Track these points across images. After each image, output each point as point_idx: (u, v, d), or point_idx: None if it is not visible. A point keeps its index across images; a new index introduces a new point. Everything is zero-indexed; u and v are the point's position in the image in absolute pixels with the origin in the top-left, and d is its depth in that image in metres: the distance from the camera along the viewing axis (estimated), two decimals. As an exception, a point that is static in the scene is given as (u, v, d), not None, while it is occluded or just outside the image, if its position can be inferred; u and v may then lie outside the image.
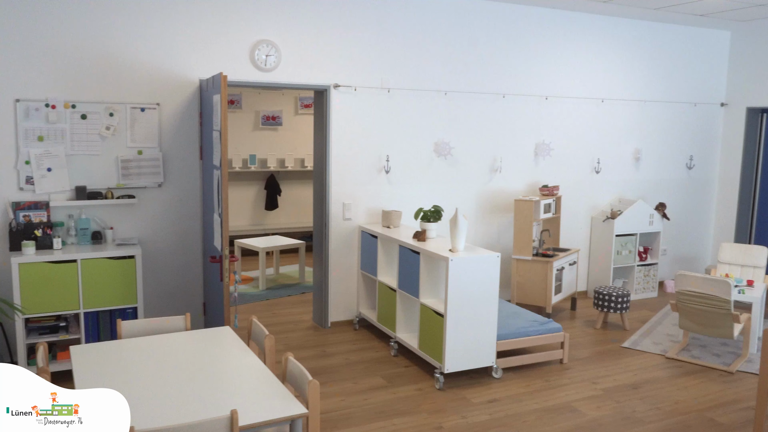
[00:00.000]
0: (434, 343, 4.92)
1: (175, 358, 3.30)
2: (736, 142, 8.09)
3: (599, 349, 5.81)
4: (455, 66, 6.45)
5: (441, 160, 6.51)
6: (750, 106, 7.94)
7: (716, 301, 5.17)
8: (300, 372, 2.97)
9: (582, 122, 7.25)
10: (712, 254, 8.34)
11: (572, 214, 7.33)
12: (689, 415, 4.50)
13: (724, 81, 8.16)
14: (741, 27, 7.85)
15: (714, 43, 8.00)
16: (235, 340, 3.57)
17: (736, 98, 8.08)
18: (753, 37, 7.82)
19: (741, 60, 7.99)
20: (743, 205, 8.15)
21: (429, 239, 5.37)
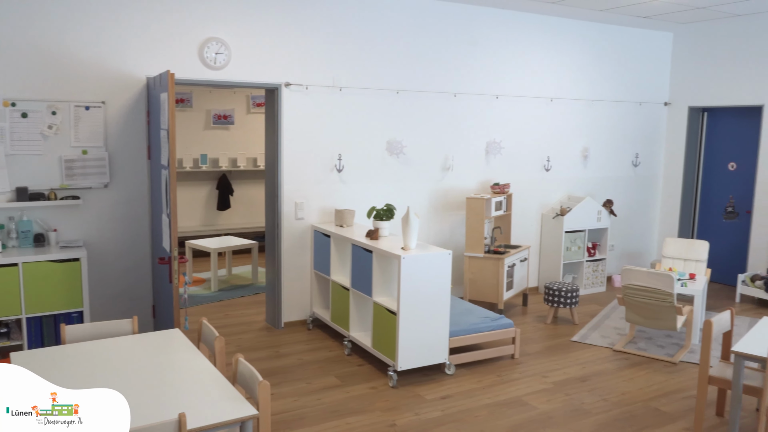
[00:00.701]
0: (387, 341, 4.94)
1: (121, 363, 3.23)
2: (679, 141, 8.36)
3: (550, 343, 5.92)
4: (407, 65, 6.48)
5: (394, 159, 6.53)
6: (692, 105, 8.21)
7: (660, 294, 5.33)
8: (250, 373, 2.94)
9: (532, 121, 7.38)
10: (658, 249, 8.60)
11: (523, 212, 7.45)
12: (635, 405, 4.63)
13: (668, 81, 8.41)
14: (683, 29, 8.11)
15: (657, 44, 8.24)
16: (185, 342, 3.51)
17: (678, 98, 8.34)
18: (694, 39, 8.09)
19: (683, 61, 8.26)
20: (686, 201, 8.43)
21: (382, 238, 5.38)
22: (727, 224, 8.13)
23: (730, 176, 8.10)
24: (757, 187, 7.60)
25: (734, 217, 8.04)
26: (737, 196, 8.00)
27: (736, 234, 7.99)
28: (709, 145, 8.33)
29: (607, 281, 8.03)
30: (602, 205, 7.68)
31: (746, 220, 7.84)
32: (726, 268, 8.00)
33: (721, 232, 8.18)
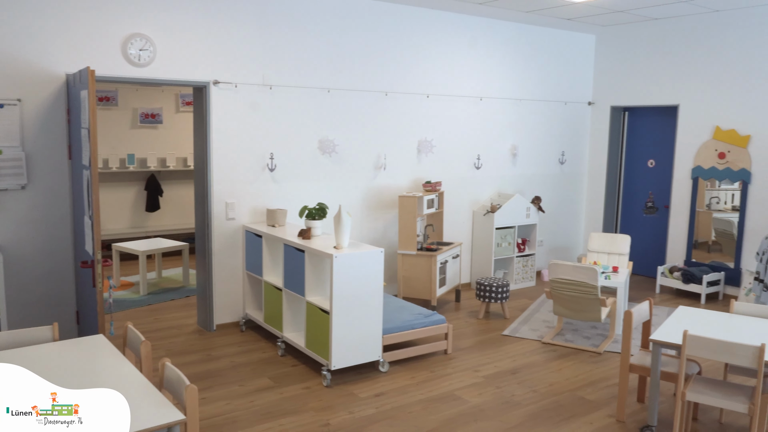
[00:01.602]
0: (321, 340, 4.92)
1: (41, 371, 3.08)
2: (602, 139, 8.68)
3: (482, 338, 6.04)
4: (338, 63, 6.48)
5: (326, 158, 6.52)
6: (614, 105, 8.54)
7: (585, 287, 5.52)
8: (177, 377, 2.87)
9: (462, 120, 7.50)
10: (584, 243, 8.90)
11: (455, 209, 7.57)
12: (562, 395, 4.78)
13: (591, 81, 8.72)
14: (604, 31, 8.42)
15: (581, 45, 8.52)
16: (109, 348, 3.40)
17: (601, 97, 8.66)
18: (615, 41, 8.41)
19: (605, 62, 8.57)
20: (609, 197, 8.76)
21: (314, 237, 5.36)
22: (647, 218, 8.50)
23: (649, 173, 8.47)
24: (674, 183, 7.98)
25: (653, 211, 8.42)
26: (656, 192, 8.38)
27: (656, 228, 8.36)
28: (630, 143, 8.68)
29: (537, 276, 8.25)
30: (531, 201, 7.89)
31: (664, 215, 8.22)
32: (647, 261, 8.36)
33: (641, 227, 8.54)
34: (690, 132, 7.75)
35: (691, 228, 7.86)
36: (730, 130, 7.34)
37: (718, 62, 7.39)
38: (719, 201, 7.80)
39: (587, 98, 8.72)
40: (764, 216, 7.05)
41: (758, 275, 5.88)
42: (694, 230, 7.87)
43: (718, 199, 7.81)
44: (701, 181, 7.75)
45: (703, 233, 7.94)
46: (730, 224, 7.63)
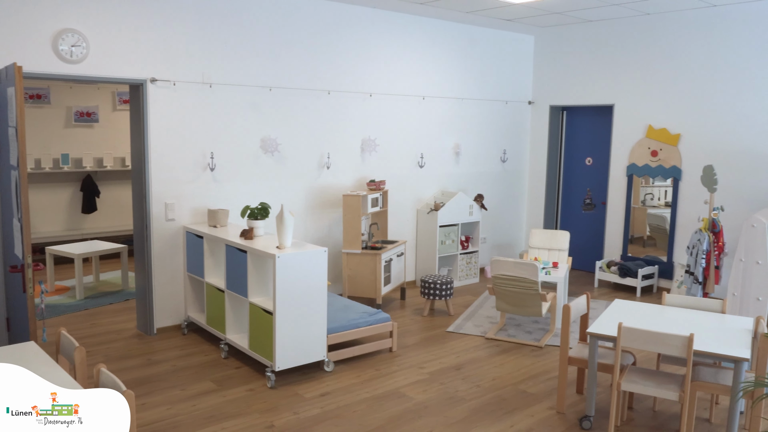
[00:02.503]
0: (265, 341, 4.87)
1: (-35, 382, 2.95)
2: (542, 137, 8.87)
3: (426, 335, 6.10)
4: (281, 62, 6.41)
5: (268, 157, 6.45)
6: (552, 104, 8.74)
7: (526, 282, 5.64)
8: (114, 383, 2.79)
9: (405, 119, 7.55)
10: (525, 240, 9.09)
11: (399, 207, 7.60)
12: (505, 389, 4.87)
13: (531, 81, 8.90)
14: (543, 32, 8.61)
15: (521, 46, 8.69)
16: (41, 355, 3.27)
17: (540, 97, 8.86)
18: (553, 42, 8.61)
19: (543, 62, 8.77)
20: (550, 194, 8.97)
21: (257, 237, 5.30)
22: (585, 215, 8.74)
23: (587, 170, 8.71)
24: (610, 180, 8.23)
25: (591, 208, 8.66)
26: (594, 189, 8.62)
27: (594, 224, 8.61)
28: (568, 141, 8.91)
29: (480, 272, 8.37)
30: (473, 199, 8.00)
31: (602, 211, 8.47)
32: (585, 256, 8.59)
33: (580, 223, 8.78)
34: (624, 131, 8.01)
35: (627, 224, 8.13)
36: (662, 128, 7.62)
37: (650, 63, 7.66)
38: (653, 197, 8.09)
39: (527, 98, 8.90)
40: (694, 211, 7.35)
41: (689, 268, 6.12)
42: (629, 226, 8.14)
43: (653, 196, 8.10)
44: (636, 178, 8.01)
45: (639, 228, 8.22)
46: (663, 219, 7.92)
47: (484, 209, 8.14)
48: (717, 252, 6.06)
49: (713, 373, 4.17)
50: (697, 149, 7.35)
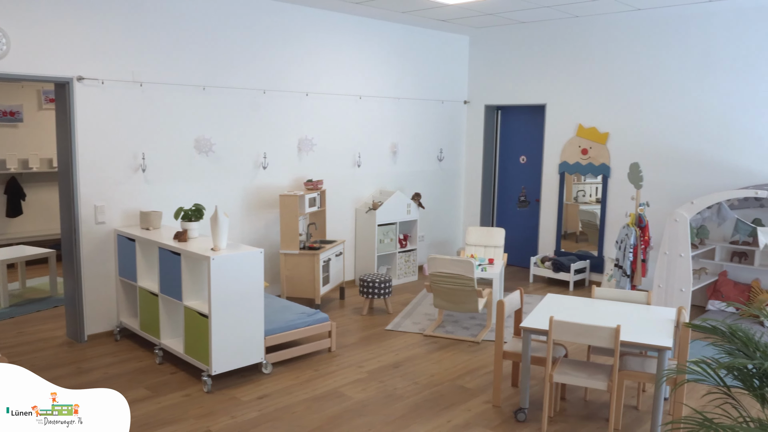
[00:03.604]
0: (200, 345, 4.79)
1: None
2: (478, 136, 9.03)
3: (365, 333, 6.12)
4: (214, 60, 6.31)
5: (203, 157, 6.33)
6: (487, 103, 8.91)
7: (462, 279, 5.73)
8: (37, 394, 2.69)
9: (342, 118, 7.54)
10: (463, 237, 9.23)
11: (337, 207, 7.60)
12: (443, 385, 4.93)
13: (466, 81, 9.04)
14: (477, 33, 8.76)
15: (456, 46, 8.82)
16: (-42, 367, 3.12)
17: (476, 96, 9.01)
18: (487, 43, 8.77)
19: (478, 62, 8.93)
20: (486, 192, 9.14)
21: (191, 239, 5.19)
22: (520, 212, 8.95)
23: (521, 168, 8.92)
24: (543, 178, 8.45)
25: (526, 205, 8.88)
26: (528, 186, 8.84)
27: (528, 221, 8.82)
28: (503, 140, 9.10)
29: (419, 270, 8.46)
30: (411, 198, 8.08)
31: (536, 208, 8.69)
32: (521, 252, 8.80)
33: (516, 220, 8.98)
34: (556, 129, 8.24)
35: (560, 220, 8.36)
36: (592, 127, 7.88)
37: (579, 64, 7.91)
38: (585, 194, 8.36)
39: (463, 97, 9.04)
40: (622, 207, 7.63)
41: (617, 262, 6.35)
42: (562, 222, 8.38)
43: (584, 192, 8.36)
44: (568, 175, 8.26)
45: (572, 224, 8.48)
46: (594, 215, 8.19)
47: (422, 208, 8.23)
48: (643, 246, 6.31)
49: (640, 362, 4.35)
50: (624, 147, 7.63)
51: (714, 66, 6.86)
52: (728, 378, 2.79)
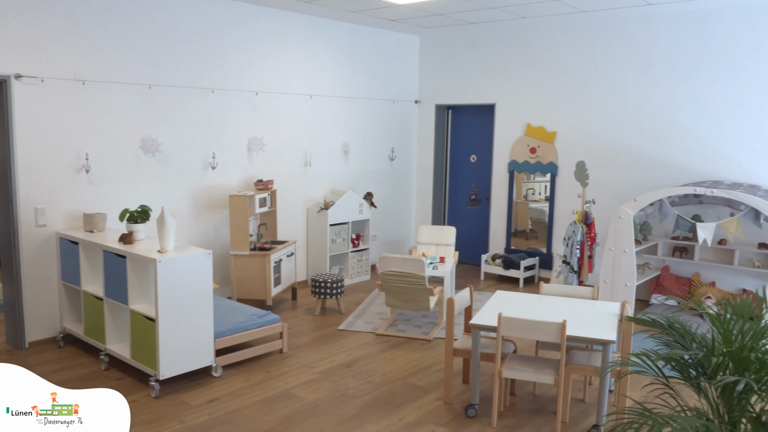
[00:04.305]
0: (147, 350, 4.68)
1: None
2: (429, 136, 9.10)
3: (318, 334, 6.09)
4: (160, 59, 6.18)
5: (149, 158, 6.19)
6: (438, 103, 8.98)
7: (413, 278, 5.76)
8: (-29, 404, 2.58)
9: (293, 117, 7.49)
10: (415, 236, 9.28)
11: (288, 207, 7.54)
12: (395, 384, 4.95)
13: (417, 80, 9.10)
14: (427, 33, 8.81)
15: (406, 46, 8.86)
16: None
17: (426, 96, 9.07)
18: (437, 43, 8.85)
19: (429, 62, 8.99)
20: (437, 191, 9.21)
21: (137, 241, 5.08)
22: (471, 210, 9.05)
23: (472, 167, 9.02)
24: (493, 177, 8.57)
25: (477, 203, 8.99)
26: (478, 185, 8.95)
27: (479, 219, 8.93)
28: (454, 139, 9.19)
29: (372, 269, 8.46)
30: (363, 197, 8.08)
31: (486, 206, 8.81)
32: (472, 250, 8.90)
33: (467, 218, 9.08)
34: (505, 129, 8.37)
35: (510, 218, 8.49)
36: (540, 126, 8.03)
37: (527, 65, 8.05)
38: (534, 192, 8.51)
39: (414, 97, 9.09)
40: (569, 205, 7.80)
41: (565, 258, 6.49)
42: (512, 220, 8.51)
43: (534, 191, 8.51)
44: (517, 174, 8.39)
45: (522, 222, 8.62)
46: (543, 213, 8.35)
47: (374, 207, 8.24)
48: (590, 242, 6.47)
49: (586, 356, 4.46)
50: (571, 146, 7.80)
51: (655, 67, 7.08)
52: (668, 369, 2.88)
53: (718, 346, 2.64)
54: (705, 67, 6.77)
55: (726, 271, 6.77)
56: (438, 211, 9.26)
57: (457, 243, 8.45)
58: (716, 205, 6.70)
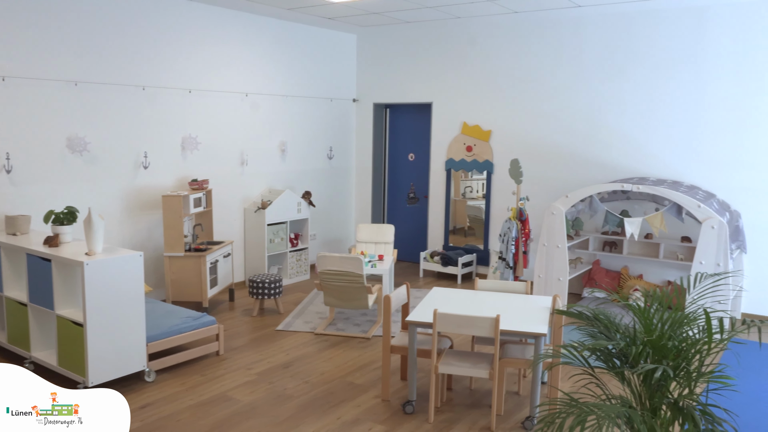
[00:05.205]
0: (75, 356, 4.52)
1: None
2: (367, 134, 9.11)
3: (256, 335, 6.01)
4: (87, 54, 5.97)
5: (76, 157, 5.98)
6: (376, 102, 9.00)
7: (351, 276, 5.76)
8: None
9: (228, 116, 7.37)
10: (354, 235, 9.28)
11: (224, 207, 7.42)
12: (333, 383, 4.94)
13: (354, 79, 9.09)
14: (364, 32, 8.82)
15: (344, 44, 8.85)
16: None
17: (364, 95, 9.08)
18: (374, 42, 8.87)
19: (366, 61, 9.00)
20: (376, 189, 9.24)
21: (63, 244, 4.90)
22: (410, 208, 9.12)
23: (410, 166, 9.09)
24: (431, 175, 8.66)
25: (415, 201, 9.06)
26: (417, 183, 9.02)
27: (418, 216, 9.01)
28: (392, 138, 9.23)
29: (311, 269, 8.42)
30: (301, 196, 8.03)
31: (424, 204, 8.89)
32: (411, 248, 8.97)
33: (406, 216, 9.15)
34: (442, 127, 8.46)
35: (447, 215, 8.60)
36: (475, 125, 8.16)
37: (463, 64, 8.16)
38: (472, 190, 8.64)
39: (351, 95, 9.08)
40: (504, 202, 7.96)
41: (501, 254, 6.62)
42: (450, 217, 8.61)
43: (472, 189, 8.64)
44: (454, 172, 8.50)
45: (460, 219, 8.74)
46: (480, 210, 8.48)
47: (313, 206, 8.20)
48: (524, 238, 6.62)
49: (521, 349, 4.55)
50: (505, 144, 7.96)
51: (585, 68, 7.30)
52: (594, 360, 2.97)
53: (639, 336, 2.74)
54: (630, 68, 7.02)
55: (652, 264, 7.04)
56: (377, 210, 9.29)
57: (396, 241, 8.52)
58: (643, 201, 6.97)
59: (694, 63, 6.66)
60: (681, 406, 2.59)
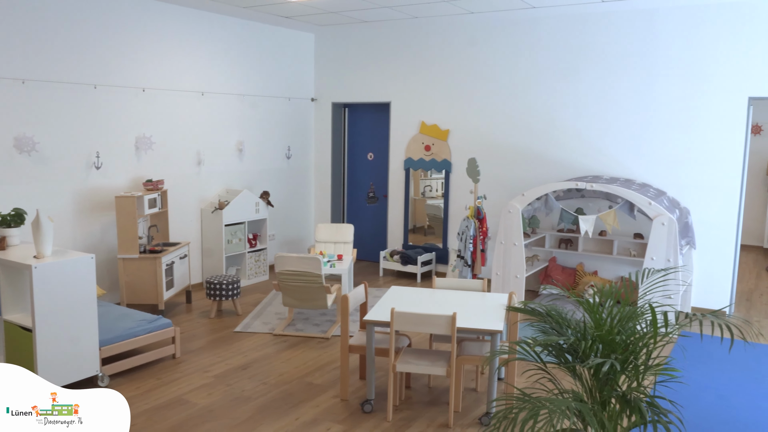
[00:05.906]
0: (24, 362, 4.39)
1: None
2: (326, 134, 9.09)
3: (213, 337, 5.94)
4: (35, 52, 5.80)
5: (24, 158, 5.81)
6: (334, 101, 8.98)
7: (310, 276, 5.74)
8: None
9: (183, 115, 7.26)
10: (313, 235, 9.24)
11: (180, 208, 7.30)
12: (291, 384, 4.92)
13: (312, 78, 9.06)
14: (322, 31, 8.79)
15: (301, 43, 8.80)
16: None
17: (323, 94, 9.05)
18: (332, 41, 8.84)
19: (324, 60, 8.97)
20: (336, 189, 9.22)
21: (11, 247, 4.76)
22: (370, 208, 9.13)
23: (369, 165, 9.09)
24: (390, 174, 8.68)
25: (375, 201, 9.07)
26: (376, 183, 9.03)
27: (378, 216, 9.02)
28: (351, 137, 9.23)
29: (270, 269, 8.35)
30: (260, 196, 7.96)
31: (384, 204, 8.91)
32: (371, 247, 8.98)
33: (366, 215, 9.15)
34: (401, 127, 8.49)
35: (407, 214, 8.64)
36: (434, 125, 8.21)
37: (421, 64, 8.20)
38: (432, 189, 8.69)
39: (310, 95, 9.04)
40: (463, 200, 8.03)
41: (459, 252, 6.68)
42: (409, 216, 8.65)
43: (431, 188, 8.69)
44: (413, 171, 8.54)
45: (420, 218, 8.78)
46: (439, 209, 8.54)
47: (271, 206, 8.14)
48: (482, 237, 6.69)
49: (477, 346, 4.60)
50: (463, 143, 8.03)
51: (540, 67, 7.41)
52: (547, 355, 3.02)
53: (589, 331, 2.80)
54: (584, 69, 7.16)
55: (606, 260, 7.20)
56: (337, 209, 9.27)
57: (356, 240, 8.52)
58: (597, 199, 7.12)
59: (644, 64, 6.82)
60: (629, 399, 2.66)
